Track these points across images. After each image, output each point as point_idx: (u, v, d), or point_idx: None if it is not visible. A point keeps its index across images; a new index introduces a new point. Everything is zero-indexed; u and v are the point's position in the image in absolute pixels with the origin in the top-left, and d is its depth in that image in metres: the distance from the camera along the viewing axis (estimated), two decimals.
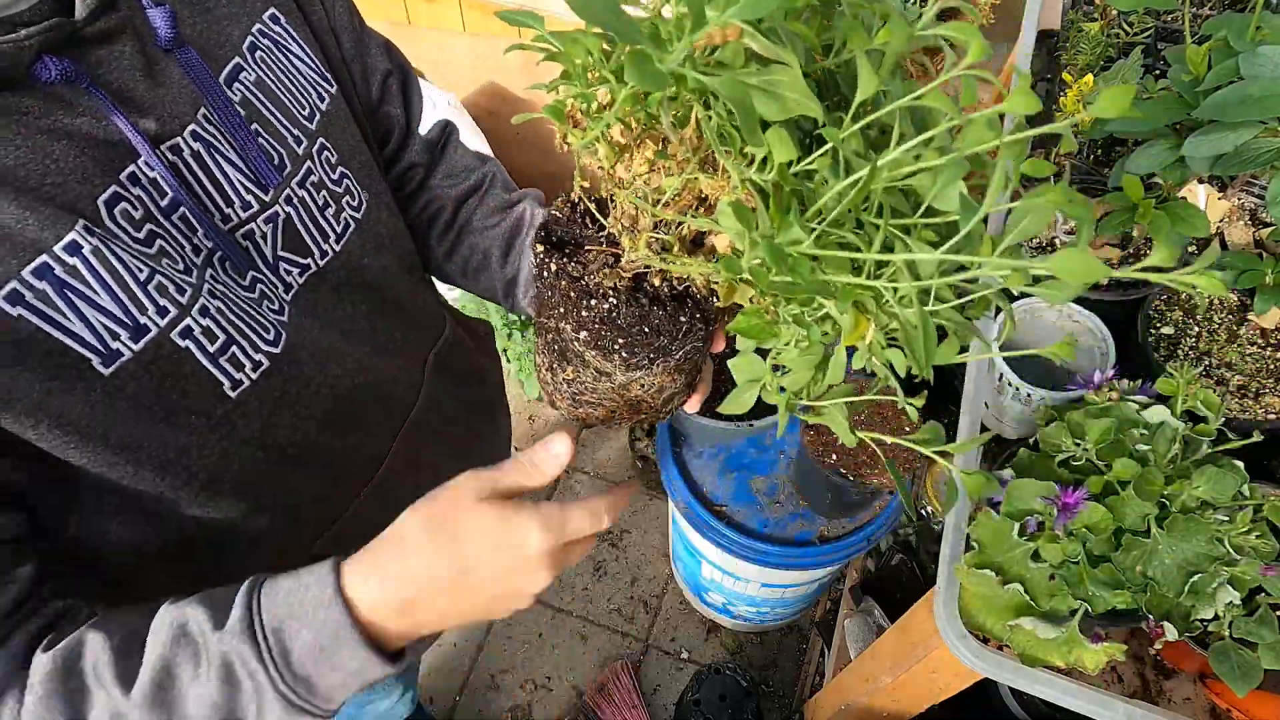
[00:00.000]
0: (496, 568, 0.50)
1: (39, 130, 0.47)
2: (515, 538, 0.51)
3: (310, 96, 0.65)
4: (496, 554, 0.50)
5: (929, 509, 1.29)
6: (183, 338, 0.54)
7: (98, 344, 0.50)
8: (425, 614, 0.50)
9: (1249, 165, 0.66)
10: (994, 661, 0.72)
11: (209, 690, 0.48)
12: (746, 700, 1.69)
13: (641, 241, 0.50)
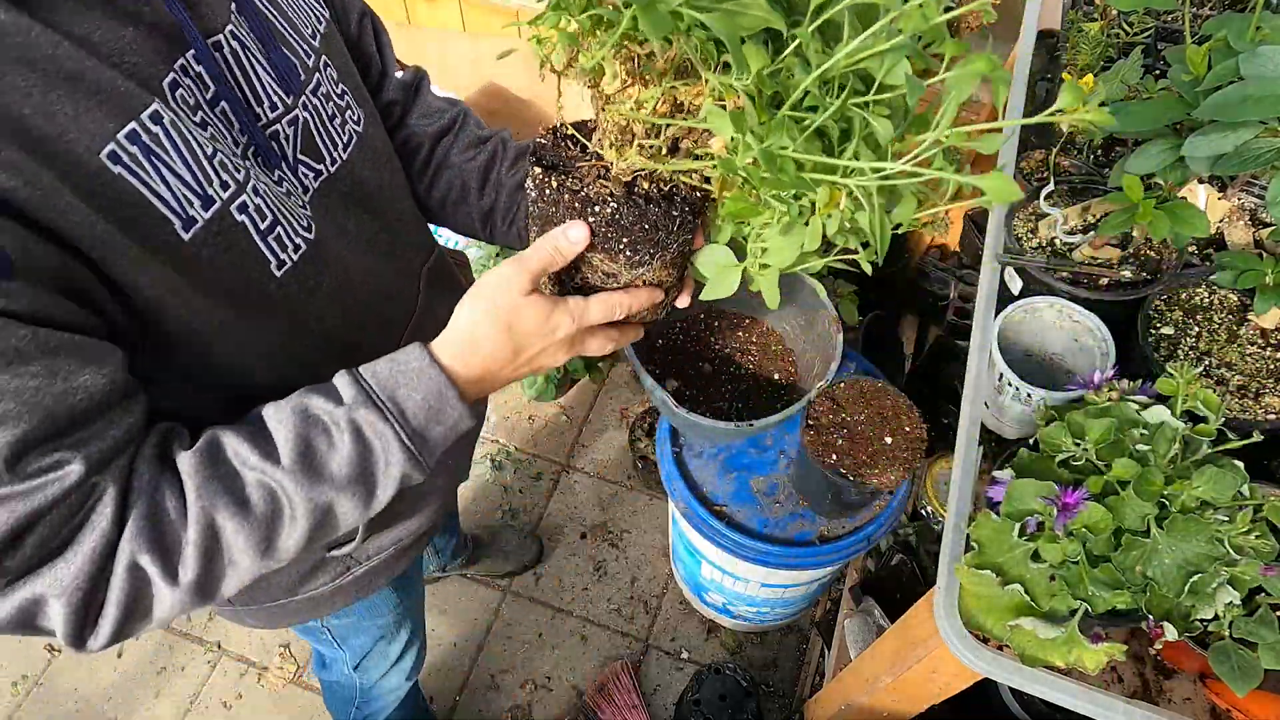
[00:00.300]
0: (536, 348, 0.64)
1: (114, 14, 0.52)
2: (550, 325, 0.63)
3: (311, 17, 0.70)
4: (539, 339, 0.64)
5: (929, 509, 1.29)
6: (239, 213, 0.59)
7: (179, 209, 0.55)
8: (489, 382, 0.65)
9: (1249, 165, 0.66)
10: (994, 661, 0.72)
11: (345, 454, 0.58)
12: (746, 700, 1.69)
13: (633, 149, 0.57)
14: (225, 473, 0.56)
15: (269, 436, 0.58)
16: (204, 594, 0.56)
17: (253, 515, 0.56)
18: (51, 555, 0.51)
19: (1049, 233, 0.97)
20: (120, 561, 0.53)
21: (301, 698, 1.85)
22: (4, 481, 0.48)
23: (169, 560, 0.54)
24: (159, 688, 1.87)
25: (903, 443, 1.13)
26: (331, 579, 0.87)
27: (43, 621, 0.53)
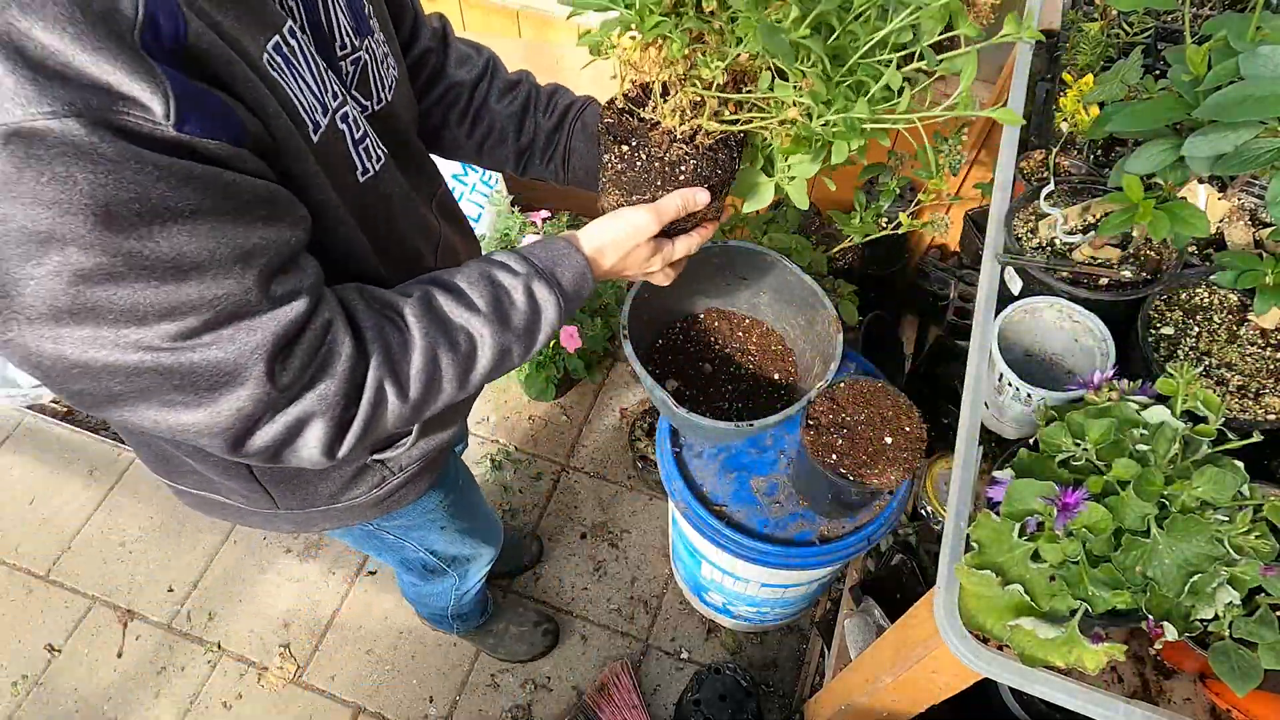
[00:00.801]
0: (632, 270, 0.84)
1: None
2: (650, 261, 0.83)
3: None
4: (637, 266, 0.83)
5: (929, 509, 1.29)
6: (341, 121, 0.68)
7: (310, 112, 0.64)
8: (602, 278, 0.82)
9: (1249, 165, 0.66)
10: (994, 661, 0.72)
11: (521, 310, 0.74)
12: (746, 700, 1.69)
13: (705, 116, 0.72)
14: (439, 318, 0.71)
15: (466, 295, 0.73)
16: (417, 413, 0.71)
17: (459, 351, 0.71)
18: (313, 379, 0.62)
19: (1049, 233, 0.97)
20: (370, 385, 0.65)
21: (301, 698, 1.85)
22: (262, 305, 0.57)
23: (402, 385, 0.67)
24: (159, 688, 1.87)
25: (903, 442, 1.13)
26: (369, 489, 0.95)
27: (303, 438, 0.63)
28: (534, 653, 1.85)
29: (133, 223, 0.47)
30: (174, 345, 0.54)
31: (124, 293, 0.50)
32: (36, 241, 0.45)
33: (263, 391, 0.58)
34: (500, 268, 0.75)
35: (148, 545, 2.07)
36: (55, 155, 0.44)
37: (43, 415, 2.28)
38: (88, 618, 1.97)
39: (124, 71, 0.45)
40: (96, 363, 0.52)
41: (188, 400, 0.57)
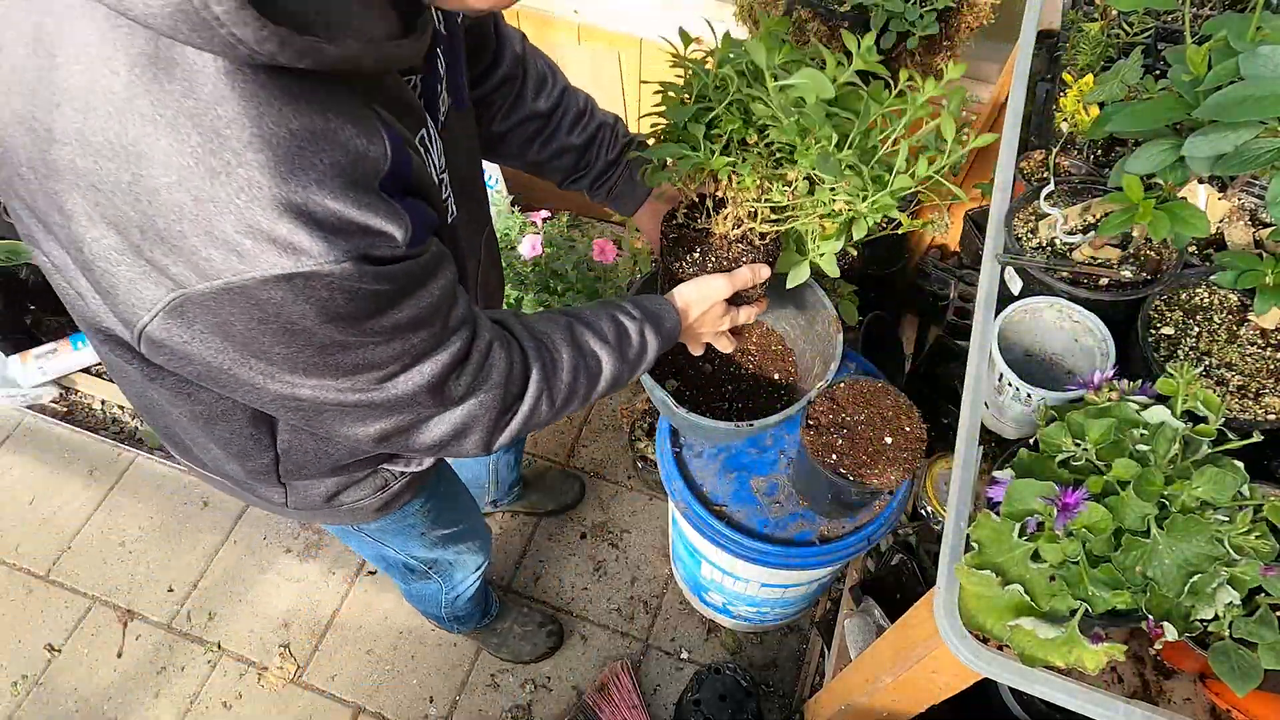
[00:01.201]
0: (706, 332, 1.02)
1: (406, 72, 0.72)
2: (721, 321, 1.00)
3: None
4: (710, 326, 1.00)
5: (929, 509, 1.29)
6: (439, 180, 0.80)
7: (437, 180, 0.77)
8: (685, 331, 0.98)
9: (1249, 165, 0.66)
10: (994, 661, 0.72)
11: (634, 347, 0.89)
12: (746, 700, 1.69)
13: (760, 219, 0.94)
14: (579, 344, 0.85)
15: (599, 329, 0.87)
16: (555, 418, 0.84)
17: (591, 372, 0.86)
18: (474, 390, 0.74)
19: (1049, 233, 0.97)
20: (530, 394, 0.79)
21: (301, 698, 1.86)
22: (441, 341, 0.69)
23: (552, 396, 0.82)
24: (159, 688, 1.87)
25: (903, 442, 1.13)
26: (371, 493, 1.02)
27: (467, 438, 0.77)
28: (537, 653, 1.85)
29: (365, 317, 0.61)
30: (379, 386, 0.67)
31: (349, 358, 0.63)
32: (292, 332, 0.58)
33: (438, 405, 0.72)
34: (622, 311, 0.91)
35: (148, 545, 2.07)
36: (324, 286, 0.56)
37: (43, 415, 2.28)
38: (88, 618, 1.97)
39: (381, 216, 0.58)
40: (321, 401, 0.66)
41: (379, 416, 0.70)
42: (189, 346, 0.58)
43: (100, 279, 0.56)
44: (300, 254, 0.53)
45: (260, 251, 0.52)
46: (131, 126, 0.49)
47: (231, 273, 0.53)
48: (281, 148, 0.51)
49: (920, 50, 1.61)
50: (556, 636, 1.87)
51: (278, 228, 0.52)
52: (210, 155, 0.50)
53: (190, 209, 0.51)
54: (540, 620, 1.87)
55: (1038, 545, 0.69)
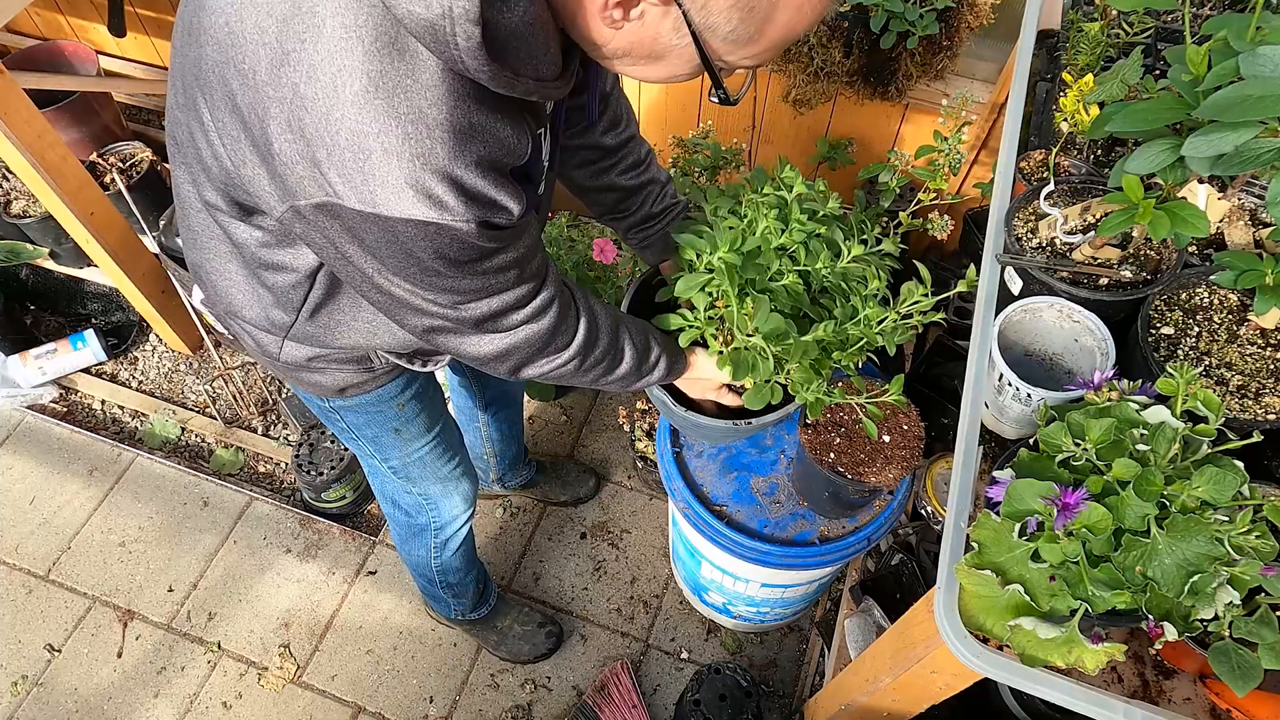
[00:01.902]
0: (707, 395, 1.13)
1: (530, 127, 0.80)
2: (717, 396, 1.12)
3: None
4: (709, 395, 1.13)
5: (929, 509, 1.29)
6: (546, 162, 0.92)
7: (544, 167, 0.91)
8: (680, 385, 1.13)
9: (1249, 165, 0.66)
10: (994, 661, 0.72)
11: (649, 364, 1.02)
12: (746, 700, 1.69)
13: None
14: (617, 340, 0.98)
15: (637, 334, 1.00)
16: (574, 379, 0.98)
17: (613, 363, 0.99)
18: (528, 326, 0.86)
19: (1049, 233, 0.97)
20: (569, 350, 0.92)
21: (301, 698, 1.86)
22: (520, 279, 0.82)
23: (583, 362, 0.95)
24: (159, 688, 1.87)
25: (901, 440, 1.13)
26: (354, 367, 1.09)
27: (505, 359, 0.89)
28: (536, 654, 1.86)
29: (466, 261, 0.75)
30: (455, 306, 0.80)
31: (443, 282, 0.76)
32: (406, 257, 0.72)
33: (492, 329, 0.85)
34: (654, 336, 1.04)
35: (148, 545, 2.07)
36: (449, 236, 0.70)
37: (43, 415, 2.28)
38: (88, 618, 1.97)
39: (507, 194, 0.72)
40: (407, 300, 0.79)
41: (447, 324, 0.83)
42: (325, 232, 0.72)
43: (277, 167, 0.69)
44: (444, 209, 0.68)
45: (414, 200, 0.66)
46: (356, 81, 0.62)
47: (385, 207, 0.67)
48: (460, 133, 0.66)
49: (920, 50, 1.61)
50: (555, 638, 1.87)
51: (435, 188, 0.66)
52: (409, 123, 0.64)
53: (377, 154, 0.64)
54: (540, 621, 1.87)
55: (1038, 545, 0.69)
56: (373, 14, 0.62)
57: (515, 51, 0.65)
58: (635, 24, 0.67)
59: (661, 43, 0.69)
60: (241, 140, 0.71)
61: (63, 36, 2.62)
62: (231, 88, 0.68)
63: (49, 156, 1.72)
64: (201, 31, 0.69)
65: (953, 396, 1.48)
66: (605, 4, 0.64)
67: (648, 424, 2.07)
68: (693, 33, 0.66)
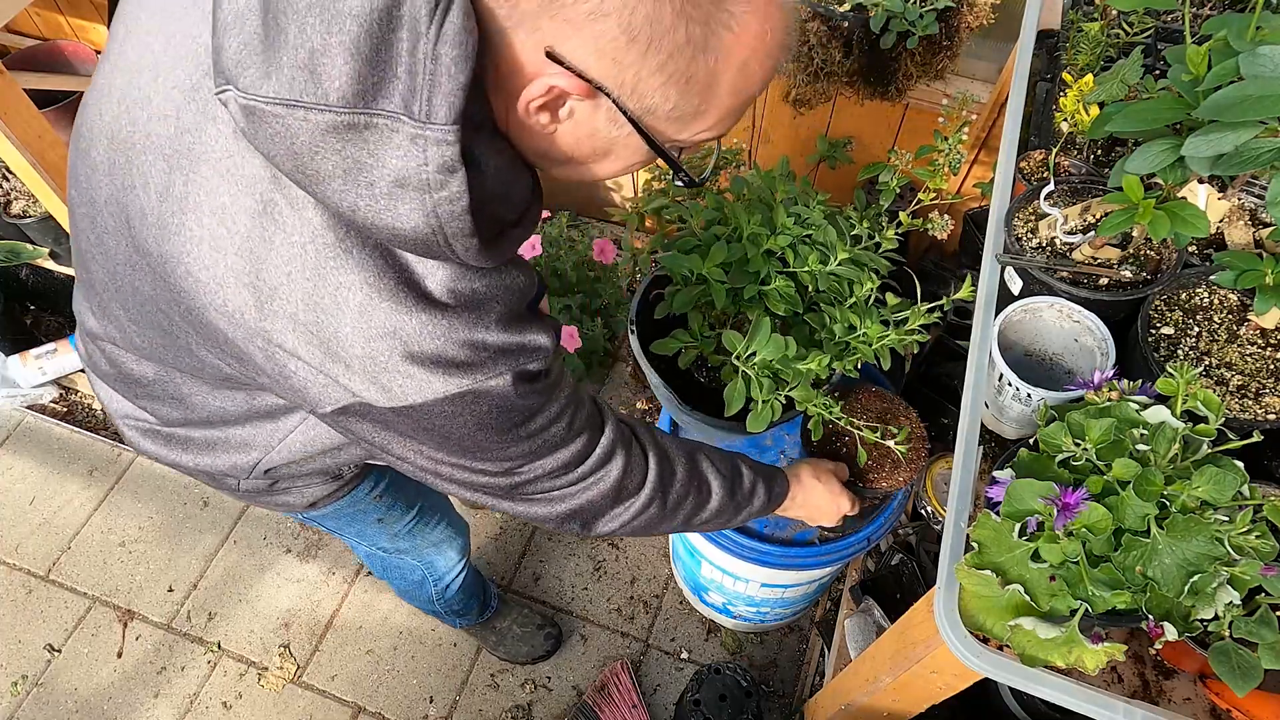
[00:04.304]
0: (825, 514, 1.11)
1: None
2: (837, 507, 1.11)
3: None
4: (827, 510, 1.11)
5: (929, 509, 1.29)
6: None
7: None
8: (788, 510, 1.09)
9: (1249, 165, 0.66)
10: (994, 661, 0.72)
11: (743, 493, 0.98)
12: (746, 700, 1.69)
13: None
14: (699, 472, 0.94)
15: (720, 463, 0.97)
16: (656, 525, 0.91)
17: (700, 498, 0.93)
18: (591, 482, 0.82)
19: (1049, 233, 0.97)
20: (644, 493, 0.87)
21: (302, 698, 1.86)
22: (565, 439, 0.77)
23: (665, 502, 0.89)
24: (159, 688, 1.87)
25: (904, 442, 1.13)
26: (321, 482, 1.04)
27: (572, 520, 0.85)
28: (535, 655, 1.86)
29: (509, 426, 0.70)
30: (506, 474, 0.76)
31: (488, 453, 0.72)
32: (446, 438, 0.69)
33: (549, 491, 0.81)
34: (740, 459, 1.01)
35: (148, 545, 2.07)
36: (484, 400, 0.66)
37: (43, 415, 2.28)
38: (88, 618, 1.97)
39: (534, 332, 0.68)
40: (453, 475, 0.76)
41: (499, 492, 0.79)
42: (355, 430, 0.70)
43: (294, 384, 0.65)
44: (474, 372, 0.64)
45: (443, 379, 0.63)
46: (356, 294, 0.59)
47: (416, 396, 0.64)
48: (471, 302, 0.63)
49: (920, 50, 1.61)
50: (555, 640, 1.87)
51: (459, 355, 0.63)
52: (421, 313, 0.61)
53: (397, 354, 0.61)
54: (540, 622, 1.87)
55: (1038, 545, 0.69)
56: (354, 227, 0.59)
57: (502, 209, 0.62)
58: (568, 124, 0.61)
59: (602, 137, 0.62)
60: (247, 364, 0.68)
61: (63, 36, 2.62)
62: (219, 327, 0.64)
63: (49, 156, 1.72)
64: (164, 279, 0.65)
65: (953, 396, 1.48)
66: (527, 110, 0.58)
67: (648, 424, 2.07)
68: (631, 120, 0.59)
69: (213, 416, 0.85)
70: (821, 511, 1.10)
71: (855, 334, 0.99)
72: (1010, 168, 1.02)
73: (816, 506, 1.09)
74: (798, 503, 1.07)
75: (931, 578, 1.35)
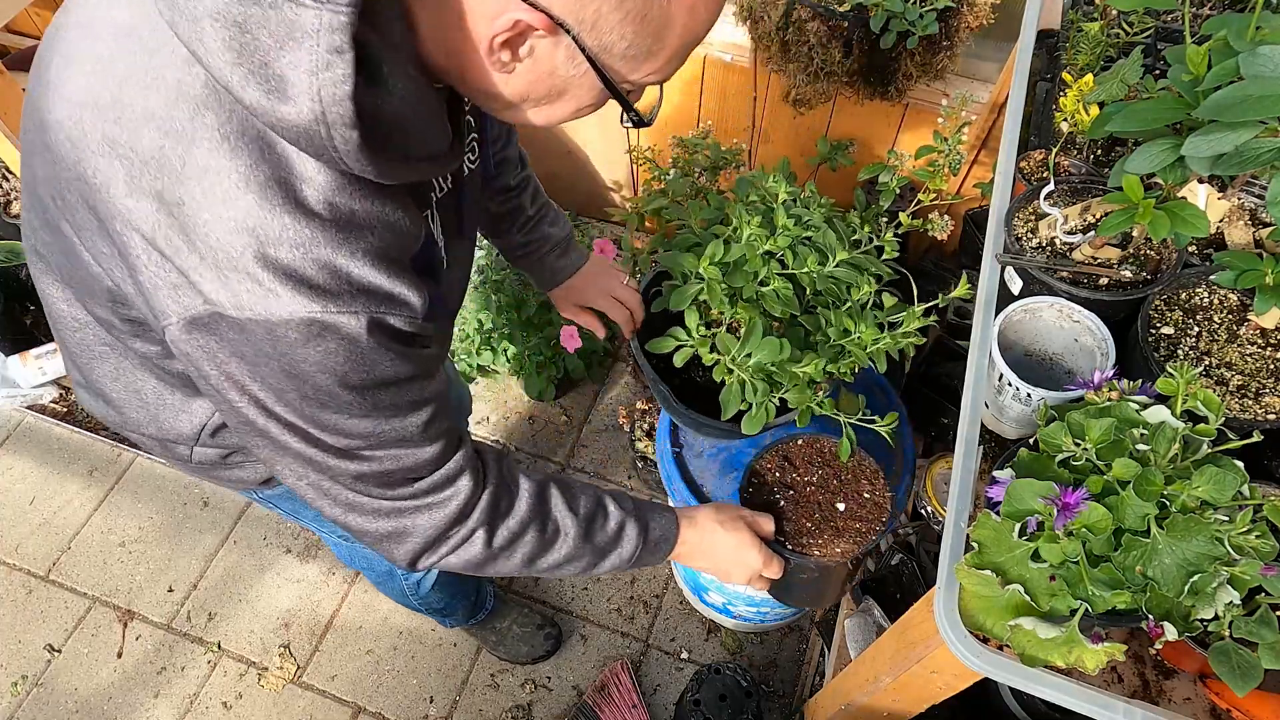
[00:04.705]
0: (731, 569, 0.99)
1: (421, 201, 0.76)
2: (745, 564, 0.98)
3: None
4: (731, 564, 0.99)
5: (929, 509, 1.29)
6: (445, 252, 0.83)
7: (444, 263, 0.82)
8: (689, 560, 0.99)
9: (1249, 165, 0.66)
10: (994, 661, 0.72)
11: (606, 535, 0.89)
12: (746, 700, 1.69)
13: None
14: (545, 508, 0.86)
15: (575, 499, 0.88)
16: (488, 563, 0.83)
17: (544, 537, 0.85)
18: (426, 506, 0.76)
19: (1049, 233, 0.97)
20: (468, 524, 0.79)
21: (302, 698, 1.86)
22: (415, 440, 0.73)
23: (492, 536, 0.81)
24: (159, 688, 1.87)
25: (857, 509, 1.04)
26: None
27: (393, 545, 0.78)
28: (534, 655, 1.86)
29: (358, 384, 0.66)
30: (336, 455, 0.71)
31: (326, 416, 0.68)
32: (290, 376, 0.64)
33: (378, 498, 0.75)
34: (610, 496, 0.92)
35: (148, 545, 2.07)
36: (332, 335, 0.62)
37: (43, 415, 2.28)
38: (88, 618, 1.97)
39: (405, 285, 0.65)
40: (281, 441, 0.70)
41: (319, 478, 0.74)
42: (205, 350, 0.64)
43: (143, 282, 0.62)
44: (328, 299, 0.60)
45: (292, 294, 0.59)
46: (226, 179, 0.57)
47: (265, 307, 0.60)
48: (344, 224, 0.60)
49: (920, 50, 1.61)
50: (554, 640, 1.87)
51: (318, 277, 0.60)
52: (286, 214, 0.58)
53: (253, 250, 0.58)
54: (540, 623, 1.87)
55: (1038, 545, 0.69)
56: (236, 112, 0.57)
57: (403, 137, 0.61)
58: (527, 63, 0.62)
59: (559, 76, 0.63)
60: (116, 258, 0.64)
61: None
62: (92, 204, 0.62)
63: None
64: (47, 149, 0.63)
65: (953, 396, 1.48)
66: (490, 48, 0.59)
67: (648, 424, 2.07)
68: (589, 58, 0.61)
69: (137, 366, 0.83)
70: (725, 564, 0.98)
71: (850, 337, 0.98)
72: (1010, 168, 1.02)
73: (718, 558, 0.97)
74: (691, 549, 0.96)
75: (931, 578, 1.35)
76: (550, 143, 2.32)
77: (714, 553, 0.97)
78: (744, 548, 0.97)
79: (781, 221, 0.99)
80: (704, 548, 0.96)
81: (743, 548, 0.97)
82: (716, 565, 0.98)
